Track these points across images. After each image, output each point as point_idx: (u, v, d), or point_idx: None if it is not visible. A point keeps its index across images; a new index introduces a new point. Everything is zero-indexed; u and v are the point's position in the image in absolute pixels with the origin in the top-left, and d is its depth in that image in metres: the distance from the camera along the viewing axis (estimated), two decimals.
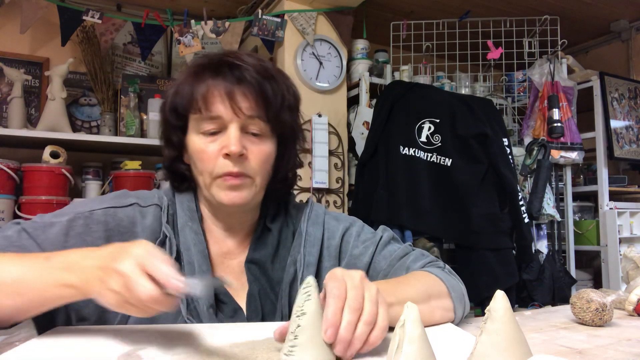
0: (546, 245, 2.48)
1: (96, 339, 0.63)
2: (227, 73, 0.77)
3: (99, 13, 2.22)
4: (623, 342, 0.66)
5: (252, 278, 0.83)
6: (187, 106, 0.79)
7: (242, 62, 0.78)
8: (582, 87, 2.66)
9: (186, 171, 0.84)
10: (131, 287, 0.55)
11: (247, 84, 0.77)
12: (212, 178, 0.78)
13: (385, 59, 2.71)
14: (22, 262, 0.63)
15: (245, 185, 0.79)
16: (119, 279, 0.56)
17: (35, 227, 0.74)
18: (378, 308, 0.57)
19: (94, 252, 0.62)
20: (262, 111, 0.78)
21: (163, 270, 0.55)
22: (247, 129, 0.78)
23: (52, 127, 2.16)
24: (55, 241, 0.73)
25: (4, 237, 0.72)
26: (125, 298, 0.56)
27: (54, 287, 0.61)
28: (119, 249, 0.60)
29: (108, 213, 0.78)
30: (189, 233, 0.81)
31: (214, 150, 0.77)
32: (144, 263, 0.56)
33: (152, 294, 0.54)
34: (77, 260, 0.61)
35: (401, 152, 2.06)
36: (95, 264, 0.59)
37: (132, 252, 0.58)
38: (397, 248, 0.90)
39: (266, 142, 0.80)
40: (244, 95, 0.77)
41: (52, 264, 0.62)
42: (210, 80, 0.77)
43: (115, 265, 0.57)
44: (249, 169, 0.78)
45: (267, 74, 0.79)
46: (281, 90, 0.81)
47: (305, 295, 0.54)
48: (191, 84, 0.78)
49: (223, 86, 0.76)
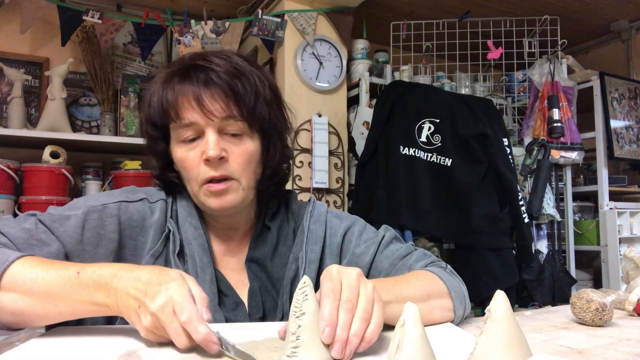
0: (546, 245, 2.48)
1: (96, 339, 0.63)
2: (194, 77, 0.76)
3: (99, 13, 2.22)
4: (623, 342, 0.66)
5: (252, 276, 0.84)
6: (160, 117, 0.78)
7: (209, 63, 0.77)
8: (582, 87, 2.66)
9: (176, 179, 0.84)
10: (167, 331, 0.57)
11: (215, 86, 0.76)
12: (198, 185, 0.78)
13: (385, 59, 2.71)
14: (54, 271, 0.63)
15: (231, 188, 0.78)
16: (154, 319, 0.57)
17: (53, 219, 0.75)
18: (373, 305, 0.57)
19: (125, 271, 0.62)
20: (235, 110, 0.76)
21: (200, 331, 0.55)
22: (225, 130, 0.77)
23: (52, 127, 2.16)
24: (73, 234, 0.74)
25: (23, 230, 0.72)
26: (157, 335, 0.58)
27: (86, 304, 0.62)
28: (154, 279, 0.59)
29: (120, 207, 0.79)
30: (189, 228, 0.82)
31: (195, 157, 0.77)
32: (179, 311, 0.56)
33: (185, 344, 0.57)
34: (108, 280, 0.61)
35: (401, 152, 2.06)
36: (130, 293, 0.59)
37: (167, 292, 0.58)
38: (400, 248, 0.89)
39: (247, 141, 0.79)
40: (212, 97, 0.75)
41: (83, 280, 0.62)
42: (178, 87, 0.76)
43: (149, 305, 0.57)
44: (232, 171, 0.77)
45: (237, 72, 0.77)
46: (254, 85, 0.78)
47: (303, 295, 0.54)
48: (160, 93, 0.78)
49: (191, 91, 0.75)
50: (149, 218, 0.81)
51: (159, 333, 0.58)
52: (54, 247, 0.73)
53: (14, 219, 0.75)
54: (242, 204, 0.81)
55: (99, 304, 0.62)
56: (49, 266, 0.64)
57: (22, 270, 0.63)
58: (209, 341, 0.55)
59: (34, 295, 0.62)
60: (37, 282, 0.62)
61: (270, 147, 0.84)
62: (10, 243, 0.70)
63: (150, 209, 0.82)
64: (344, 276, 0.59)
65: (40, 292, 0.62)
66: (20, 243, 0.71)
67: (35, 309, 0.63)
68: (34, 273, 0.63)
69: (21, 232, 0.72)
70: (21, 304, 0.62)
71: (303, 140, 2.35)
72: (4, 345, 0.61)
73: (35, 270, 0.63)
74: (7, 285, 0.62)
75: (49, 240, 0.73)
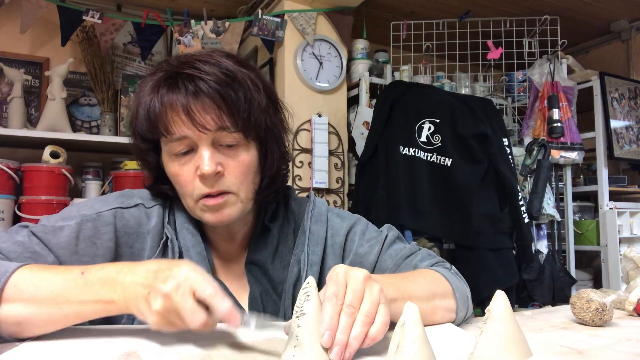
0: (546, 245, 2.48)
1: (96, 339, 0.63)
2: (182, 88, 0.70)
3: (99, 13, 2.23)
4: (623, 342, 0.66)
5: (253, 280, 0.82)
6: (149, 131, 0.74)
7: (198, 71, 0.71)
8: (582, 87, 2.66)
9: (169, 191, 0.80)
10: (181, 313, 0.55)
11: (205, 96, 0.70)
12: (194, 201, 0.74)
13: (385, 59, 2.71)
14: (57, 275, 0.62)
15: (229, 202, 0.74)
16: (166, 301, 0.55)
17: (45, 231, 0.73)
18: (377, 309, 0.56)
19: (131, 267, 0.61)
20: (229, 121, 0.71)
21: (226, 304, 0.55)
22: (220, 142, 0.73)
23: (52, 127, 2.16)
24: (67, 245, 0.73)
25: (16, 243, 0.70)
26: (170, 320, 0.56)
27: (92, 303, 0.61)
28: (163, 267, 0.59)
29: (116, 214, 0.77)
30: (187, 234, 0.80)
31: (189, 172, 0.73)
32: (193, 287, 0.56)
33: (203, 322, 0.55)
34: (114, 276, 0.60)
35: (401, 152, 2.06)
36: (138, 281, 0.58)
37: (180, 274, 0.56)
38: (403, 247, 0.88)
39: (243, 151, 0.75)
40: (203, 109, 0.70)
41: (88, 279, 0.61)
42: (165, 99, 0.71)
43: (161, 287, 0.56)
44: (229, 185, 0.73)
45: (228, 79, 0.72)
46: (247, 92, 0.73)
47: (305, 295, 0.54)
48: (148, 106, 0.73)
49: (180, 104, 0.70)
50: (146, 224, 0.78)
51: (171, 318, 0.56)
52: (49, 259, 0.71)
53: (5, 233, 0.73)
54: (240, 216, 0.78)
55: (105, 302, 0.60)
56: (53, 271, 0.63)
57: (24, 279, 0.62)
58: (235, 313, 0.55)
59: (38, 302, 0.61)
60: (41, 287, 0.61)
61: (268, 154, 0.79)
62: (4, 257, 0.68)
63: (146, 214, 0.79)
64: (350, 278, 0.58)
65: (45, 297, 0.61)
66: (14, 257, 0.69)
67: (40, 314, 0.61)
68: (37, 279, 0.62)
69: (14, 245, 0.70)
70: (25, 312, 0.61)
71: (303, 140, 2.35)
72: (4, 345, 0.61)
73: (39, 276, 0.62)
74: (9, 296, 0.61)
75: (44, 252, 0.71)
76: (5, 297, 0.61)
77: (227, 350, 0.59)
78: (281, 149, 0.82)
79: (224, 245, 0.85)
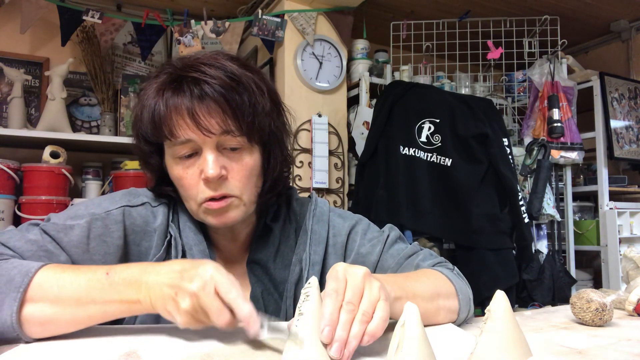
0: (546, 245, 2.48)
1: (96, 339, 0.63)
2: (187, 91, 0.70)
3: (99, 13, 2.23)
4: (623, 342, 0.66)
5: (254, 279, 0.82)
6: (153, 134, 0.74)
7: (203, 74, 0.71)
8: (582, 87, 2.66)
9: (172, 193, 0.80)
10: (208, 311, 0.56)
11: (210, 100, 0.70)
12: (197, 205, 0.75)
13: (385, 59, 2.71)
14: (80, 275, 0.63)
15: (232, 205, 0.75)
16: (194, 300, 0.57)
17: (57, 230, 0.73)
18: (375, 307, 0.56)
19: (154, 267, 0.62)
20: (234, 125, 0.72)
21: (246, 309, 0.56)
22: (224, 145, 0.73)
23: (52, 127, 2.16)
24: (78, 244, 0.73)
25: (30, 242, 0.70)
26: (198, 318, 0.58)
27: (117, 303, 0.61)
28: (188, 267, 0.59)
29: (124, 212, 0.77)
30: (189, 233, 0.80)
31: (193, 175, 0.73)
32: (217, 286, 0.57)
33: (228, 321, 0.57)
34: (138, 277, 0.61)
35: (401, 152, 2.06)
36: (163, 282, 0.59)
37: (206, 273, 0.58)
38: (405, 247, 0.89)
39: (246, 154, 0.75)
40: (208, 113, 0.70)
41: (113, 279, 0.62)
42: (170, 102, 0.71)
43: (188, 286, 0.57)
44: (233, 188, 0.74)
45: (233, 83, 0.72)
46: (252, 96, 0.73)
47: (305, 295, 0.54)
48: (153, 109, 0.72)
49: (185, 107, 0.70)
50: (152, 223, 0.79)
51: (198, 317, 0.57)
52: (62, 258, 0.71)
53: (16, 231, 0.73)
54: (243, 219, 0.79)
55: (130, 302, 0.61)
56: (76, 271, 0.63)
57: (47, 279, 0.62)
58: (254, 320, 0.56)
59: (63, 302, 0.61)
60: (66, 287, 0.61)
61: (271, 157, 0.80)
62: (18, 256, 0.68)
63: (152, 213, 0.80)
64: (349, 275, 0.58)
65: (70, 297, 0.61)
66: (29, 256, 0.69)
67: (64, 315, 0.61)
68: (61, 279, 0.62)
69: (27, 244, 0.70)
70: (49, 312, 0.61)
71: (303, 140, 2.35)
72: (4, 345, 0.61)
73: (63, 277, 0.62)
74: (33, 296, 0.60)
75: (57, 251, 0.71)
76: (29, 297, 0.60)
77: (227, 350, 0.59)
78: (284, 152, 0.83)
79: (226, 244, 0.85)
